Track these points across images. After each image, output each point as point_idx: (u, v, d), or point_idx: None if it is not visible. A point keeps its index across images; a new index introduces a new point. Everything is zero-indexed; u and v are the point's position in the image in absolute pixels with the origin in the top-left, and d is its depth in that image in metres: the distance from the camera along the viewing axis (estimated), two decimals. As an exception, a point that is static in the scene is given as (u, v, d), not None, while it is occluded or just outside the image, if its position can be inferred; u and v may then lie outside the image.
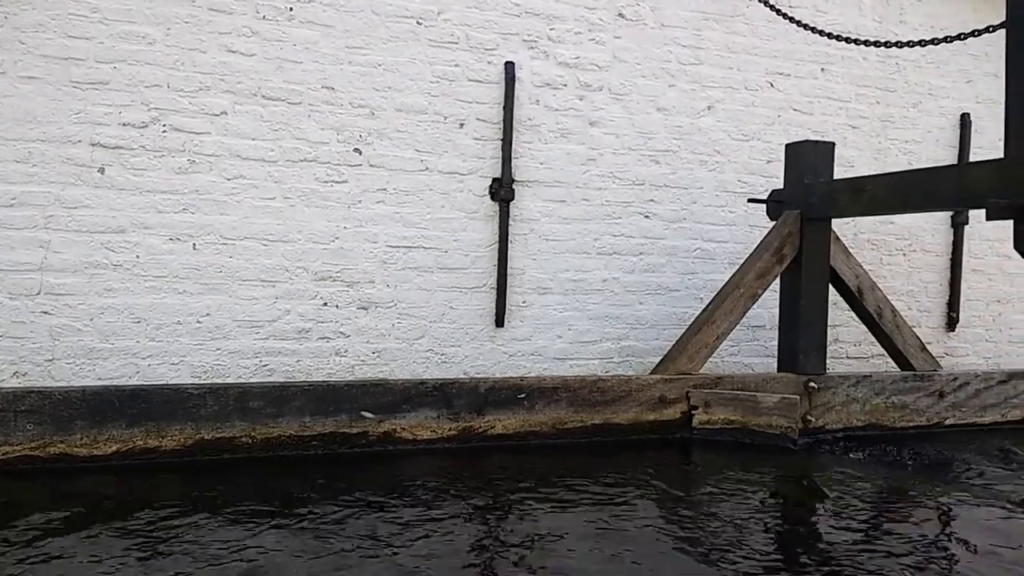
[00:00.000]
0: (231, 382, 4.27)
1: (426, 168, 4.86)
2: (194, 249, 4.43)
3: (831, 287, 5.00)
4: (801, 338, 4.85)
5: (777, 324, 5.12)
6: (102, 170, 4.27)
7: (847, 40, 4.45)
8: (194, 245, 4.43)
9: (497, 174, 4.98)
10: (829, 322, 4.97)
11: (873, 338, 5.34)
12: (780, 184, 5.15)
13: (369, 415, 4.04)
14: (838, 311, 5.33)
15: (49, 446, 3.59)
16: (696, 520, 3.29)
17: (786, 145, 5.07)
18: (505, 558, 2.74)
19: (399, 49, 4.77)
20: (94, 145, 4.25)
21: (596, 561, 2.73)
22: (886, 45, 4.23)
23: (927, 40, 3.98)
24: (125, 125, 4.31)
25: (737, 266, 5.07)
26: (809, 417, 4.71)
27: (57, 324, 4.22)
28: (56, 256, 4.20)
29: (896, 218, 6.04)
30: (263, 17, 4.51)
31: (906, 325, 5.24)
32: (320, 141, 4.63)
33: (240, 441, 3.83)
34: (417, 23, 4.80)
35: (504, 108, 4.96)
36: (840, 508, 3.56)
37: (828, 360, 4.99)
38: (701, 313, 4.99)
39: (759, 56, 5.66)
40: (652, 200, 5.42)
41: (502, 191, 4.97)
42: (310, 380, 4.44)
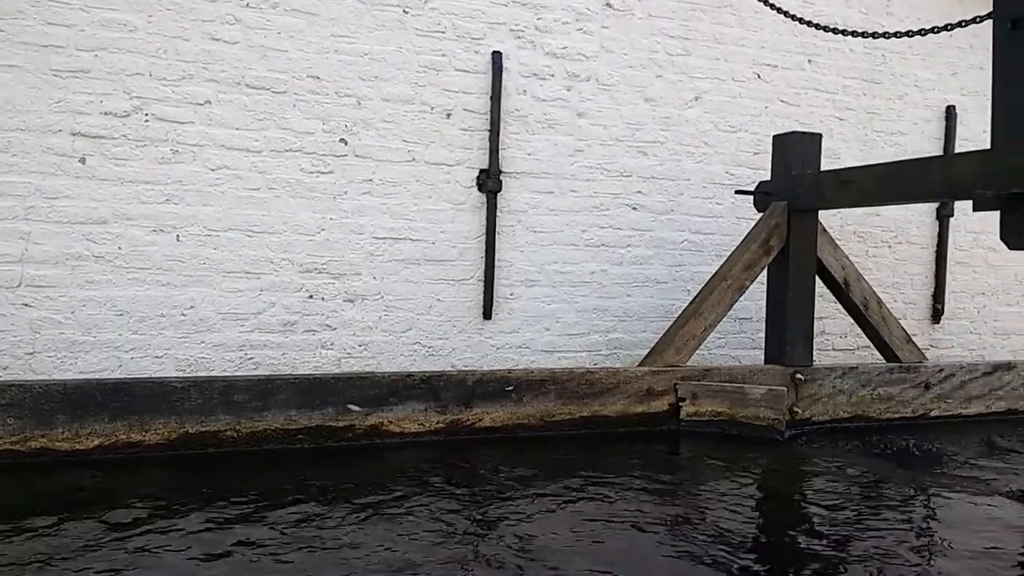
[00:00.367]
0: (216, 375, 4.22)
1: (413, 159, 4.82)
2: (177, 240, 4.38)
3: (818, 279, 5.01)
4: (788, 330, 4.86)
5: (764, 316, 5.13)
6: (83, 160, 4.21)
7: (834, 31, 4.45)
8: (177, 236, 4.38)
9: (484, 165, 4.95)
10: (815, 314, 4.99)
11: (859, 330, 5.36)
12: (767, 176, 5.15)
13: (356, 408, 4.01)
14: (824, 303, 5.35)
15: (30, 440, 3.53)
16: (683, 512, 3.28)
17: (773, 136, 5.07)
18: (493, 551, 2.73)
19: (385, 38, 4.72)
20: (75, 135, 4.19)
21: (583, 553, 2.71)
22: (873, 36, 4.23)
23: (914, 31, 3.98)
24: (107, 114, 4.24)
25: (724, 258, 5.07)
26: (796, 409, 4.72)
27: (38, 317, 4.15)
28: (37, 248, 4.14)
29: (882, 210, 6.06)
30: (247, 5, 4.45)
31: (892, 317, 5.26)
32: (305, 131, 4.58)
33: (225, 435, 3.79)
34: (403, 12, 4.75)
35: (491, 98, 4.93)
36: (826, 499, 3.57)
37: (814, 352, 5.00)
38: (689, 305, 4.98)
39: (746, 47, 5.65)
40: (640, 192, 5.40)
41: (489, 182, 4.94)
42: (296, 373, 4.40)
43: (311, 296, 4.65)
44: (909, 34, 4.00)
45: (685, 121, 5.51)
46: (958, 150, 6.03)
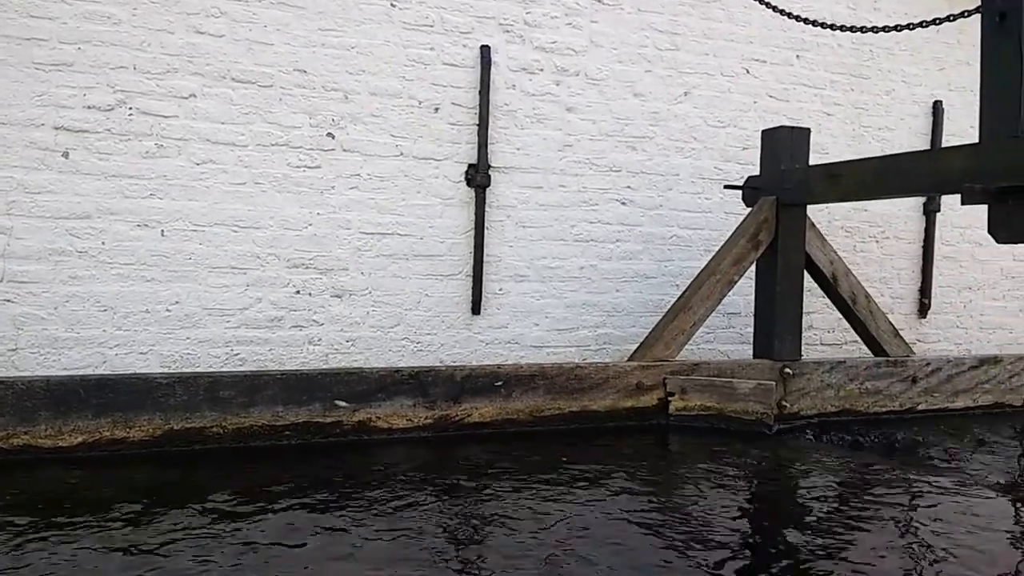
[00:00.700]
0: (201, 371, 4.19)
1: (401, 153, 4.79)
2: (162, 236, 4.33)
3: (806, 273, 5.01)
4: (776, 324, 4.86)
5: (752, 311, 5.13)
6: (66, 154, 4.15)
7: (821, 25, 4.44)
8: (162, 231, 4.33)
9: (473, 160, 4.93)
10: (804, 309, 4.99)
11: (847, 325, 5.37)
12: (756, 171, 5.14)
13: (343, 404, 3.98)
14: (812, 298, 5.36)
15: (12, 437, 3.49)
16: (672, 506, 3.28)
17: (762, 131, 5.07)
18: (480, 547, 2.71)
19: (372, 31, 4.68)
20: (58, 128, 4.14)
21: (571, 548, 2.70)
22: (861, 30, 4.23)
23: (902, 25, 3.98)
24: (90, 108, 4.19)
25: (713, 253, 5.06)
26: (784, 403, 4.73)
27: (20, 313, 4.10)
28: (19, 243, 4.08)
29: (869, 205, 6.08)
30: (232, -2, 4.40)
31: (880, 311, 5.27)
32: (292, 125, 4.54)
33: (211, 431, 3.75)
34: (391, 5, 4.72)
35: (480, 93, 4.90)
36: (814, 492, 3.58)
37: (802, 347, 5.01)
38: (678, 300, 4.98)
39: (735, 42, 5.65)
40: (629, 187, 5.39)
41: (478, 177, 4.91)
42: (283, 369, 4.37)
43: (298, 291, 4.61)
44: (897, 28, 4.00)
45: (674, 116, 5.50)
46: (945, 145, 6.05)
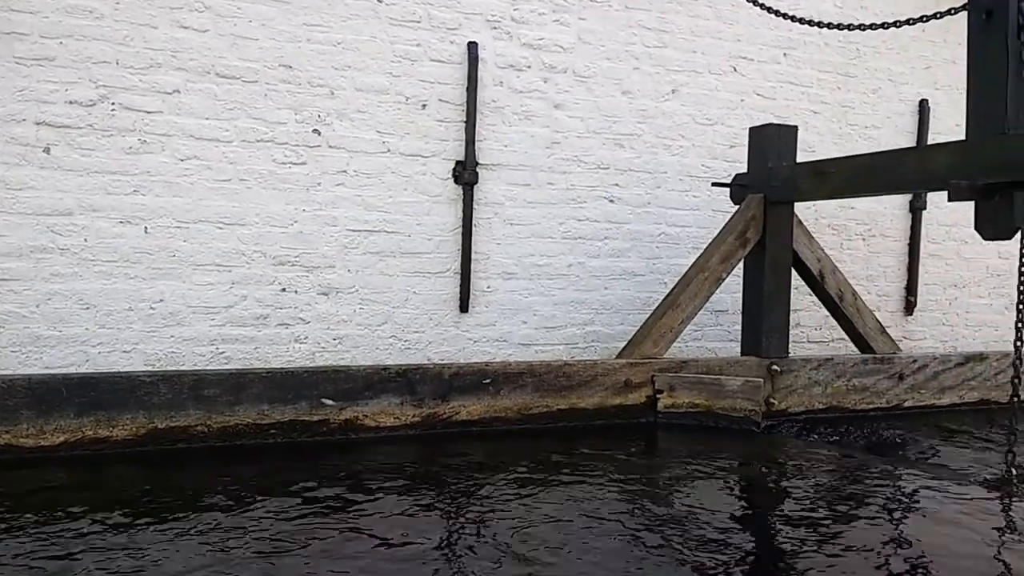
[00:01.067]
0: (185, 369, 4.14)
1: (388, 150, 4.76)
2: (146, 232, 4.28)
3: (793, 271, 5.02)
4: (764, 321, 4.87)
5: (740, 308, 5.13)
6: (48, 150, 4.10)
7: (808, 23, 4.45)
8: (146, 228, 4.28)
9: (460, 157, 4.90)
10: (791, 306, 5.00)
11: (834, 322, 5.39)
12: (743, 169, 5.14)
13: (330, 402, 3.94)
14: (799, 295, 5.37)
15: (-7, 437, 3.44)
16: (661, 503, 3.27)
17: (750, 129, 5.07)
18: (467, 547, 2.69)
19: (359, 27, 4.65)
20: (39, 124, 4.08)
21: (559, 545, 2.68)
22: (848, 28, 4.24)
23: (889, 23, 4.00)
24: (72, 103, 4.14)
25: (701, 251, 5.06)
26: (772, 400, 4.74)
27: (2, 311, 4.04)
28: (0, 240, 4.02)
29: (856, 203, 6.10)
30: (217, -8, 4.36)
31: (866, 308, 5.29)
32: (277, 121, 4.50)
33: (195, 430, 3.71)
34: (377, 0, 4.68)
35: (467, 89, 4.88)
36: (801, 489, 3.58)
37: (790, 344, 5.01)
38: (666, 297, 4.97)
39: (723, 40, 5.65)
40: (617, 184, 5.38)
41: (466, 174, 4.89)
42: (268, 367, 4.32)
43: (284, 289, 4.57)
44: (884, 26, 4.02)
45: (662, 114, 5.50)
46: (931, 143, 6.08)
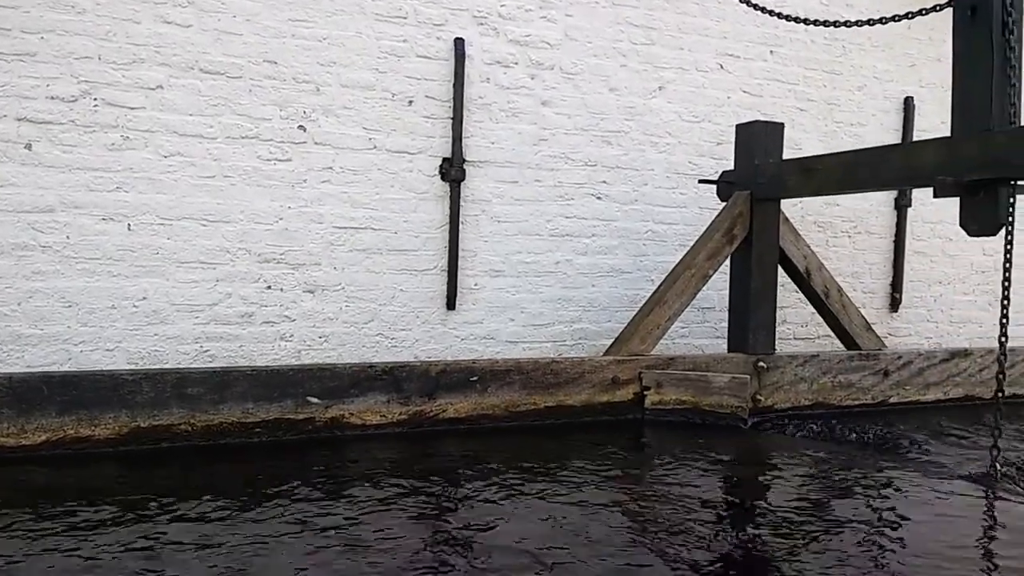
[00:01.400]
0: (169, 367, 4.10)
1: (374, 147, 4.73)
2: (129, 230, 4.24)
3: (780, 268, 5.03)
4: (751, 318, 4.88)
5: (727, 305, 5.14)
6: (29, 146, 4.05)
7: (795, 19, 4.45)
8: (129, 225, 4.24)
9: (447, 153, 4.88)
10: (777, 303, 5.01)
11: (820, 319, 5.40)
12: (730, 166, 5.15)
13: (315, 400, 3.92)
14: (786, 292, 5.38)
15: (-27, 437, 3.39)
16: (647, 499, 3.27)
17: (736, 126, 5.08)
18: (451, 546, 2.67)
19: (344, 23, 4.62)
20: (20, 120, 4.04)
21: (546, 543, 2.67)
22: (835, 24, 4.25)
23: (874, 20, 4.00)
24: (53, 99, 4.09)
25: (688, 248, 5.06)
26: (759, 396, 4.74)
27: (-19, 309, 4.00)
28: (-21, 237, 3.98)
29: (842, 200, 6.12)
30: (200, -13, 4.32)
31: (852, 305, 5.31)
32: (262, 117, 4.47)
33: (179, 429, 3.67)
34: (363, -4, 4.66)
35: (454, 86, 4.86)
36: (787, 485, 3.58)
37: (776, 341, 5.03)
38: (653, 294, 4.97)
39: (710, 37, 5.65)
40: (604, 182, 5.38)
41: (453, 171, 4.87)
42: (253, 365, 4.29)
43: (269, 287, 4.54)
44: (870, 23, 4.02)
45: (649, 111, 5.50)
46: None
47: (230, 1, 4.37)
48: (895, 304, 6.41)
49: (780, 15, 4.55)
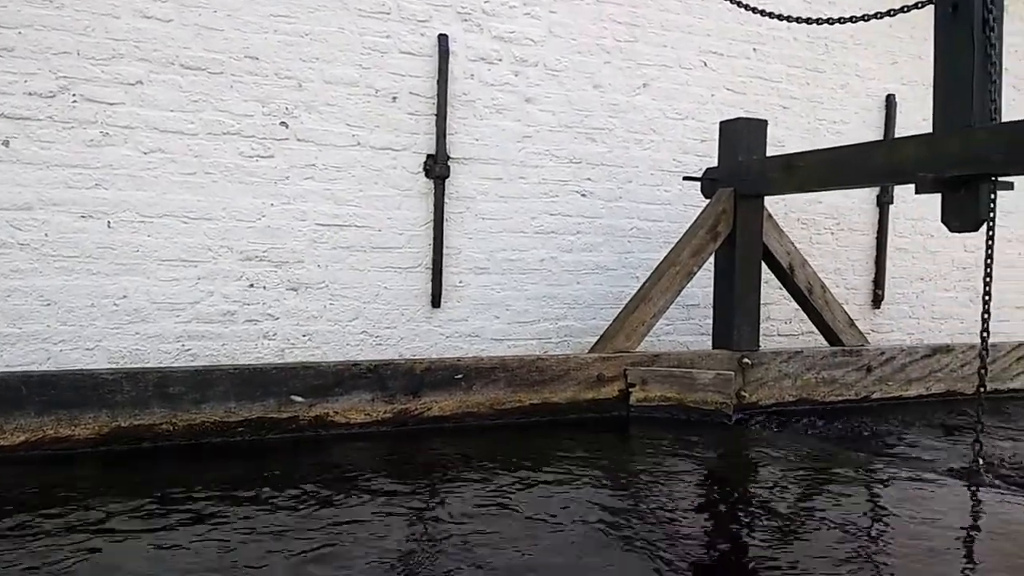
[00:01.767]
0: (149, 367, 4.06)
1: (357, 143, 4.70)
2: (108, 227, 4.19)
3: (764, 264, 5.05)
4: (735, 315, 4.89)
5: (711, 302, 5.15)
6: (6, 143, 3.99)
7: (778, 17, 4.47)
8: (108, 223, 4.18)
9: (432, 150, 4.86)
10: (761, 299, 5.03)
11: (803, 315, 5.42)
12: (714, 163, 5.16)
13: (299, 399, 3.88)
14: (769, 288, 5.40)
15: (-51, 438, 3.34)
16: (632, 496, 3.27)
17: (720, 123, 5.09)
18: (435, 545, 2.66)
19: (327, 18, 4.58)
20: (-4, 116, 3.97)
21: (531, 541, 2.67)
22: (817, 22, 4.27)
23: (857, 17, 4.02)
24: (31, 95, 4.03)
25: (673, 245, 5.07)
26: (743, 392, 4.76)
27: (-43, 308, 3.93)
28: (-45, 235, 3.92)
29: (825, 197, 6.15)
30: (181, -19, 4.27)
31: (835, 301, 5.34)
32: (244, 113, 4.42)
33: (160, 428, 3.63)
34: (346, -8, 4.63)
35: (438, 82, 4.83)
36: (773, 480, 3.60)
37: (760, 337, 5.04)
38: (638, 291, 4.97)
39: (693, 35, 5.66)
40: (589, 179, 5.37)
41: (437, 168, 4.85)
42: (235, 364, 4.25)
43: (252, 285, 4.50)
44: (852, 20, 4.05)
45: (633, 108, 5.50)
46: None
47: (211, -4, 4.33)
48: (877, 300, 6.45)
49: (763, 12, 4.57)
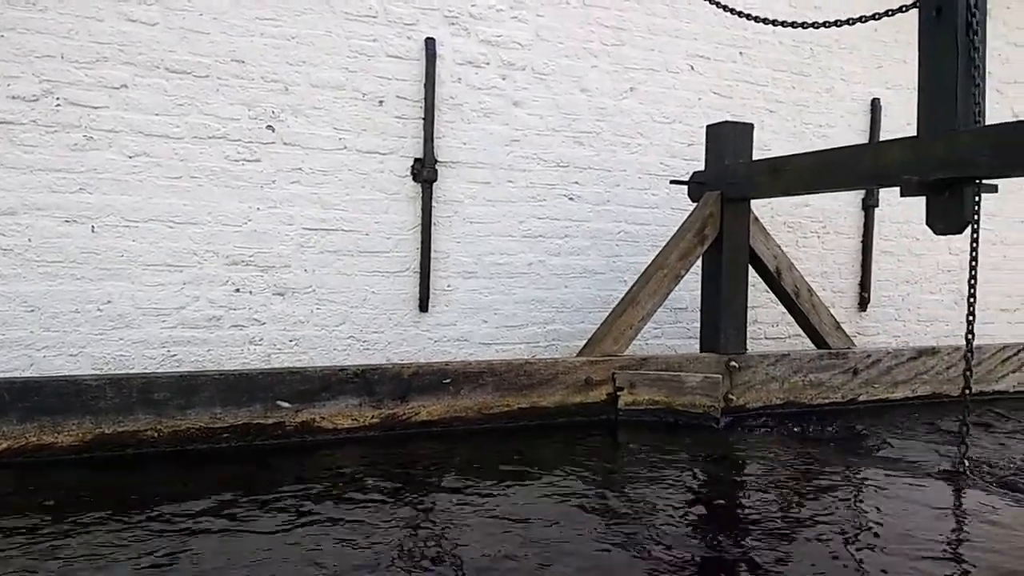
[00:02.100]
0: (133, 373, 4.02)
1: (344, 147, 4.68)
2: (93, 232, 4.15)
3: (751, 268, 5.06)
4: (722, 318, 4.90)
5: (699, 306, 5.16)
6: (-13, 146, 3.95)
7: (764, 21, 4.49)
8: (92, 228, 4.15)
9: (419, 154, 4.85)
10: (748, 303, 5.04)
11: (790, 318, 5.44)
12: (701, 167, 5.18)
13: (285, 404, 3.86)
14: (756, 292, 5.42)
15: (-71, 445, 3.29)
16: (621, 500, 3.26)
17: (707, 127, 5.11)
18: (424, 551, 2.64)
19: (313, 21, 4.57)
20: (-22, 119, 3.93)
21: (520, 546, 2.65)
22: (802, 26, 4.29)
23: (842, 21, 4.05)
24: (14, 98, 4.00)
25: (660, 248, 5.07)
26: (731, 396, 4.77)
27: (-62, 314, 3.89)
28: (-65, 240, 3.87)
29: (811, 200, 6.18)
30: (166, -16, 4.24)
31: (822, 304, 5.36)
32: (230, 117, 4.40)
33: (145, 435, 3.60)
34: (332, -5, 4.61)
35: (425, 86, 4.83)
36: (759, 484, 3.60)
37: (748, 340, 5.06)
38: (626, 295, 4.98)
39: (680, 39, 5.68)
40: (576, 182, 5.38)
41: (424, 172, 4.84)
42: (221, 369, 4.22)
43: (238, 290, 4.47)
44: (837, 23, 4.07)
45: (620, 112, 5.51)
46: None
47: (196, -1, 4.30)
48: (864, 303, 6.49)
49: (749, 16, 4.59)
